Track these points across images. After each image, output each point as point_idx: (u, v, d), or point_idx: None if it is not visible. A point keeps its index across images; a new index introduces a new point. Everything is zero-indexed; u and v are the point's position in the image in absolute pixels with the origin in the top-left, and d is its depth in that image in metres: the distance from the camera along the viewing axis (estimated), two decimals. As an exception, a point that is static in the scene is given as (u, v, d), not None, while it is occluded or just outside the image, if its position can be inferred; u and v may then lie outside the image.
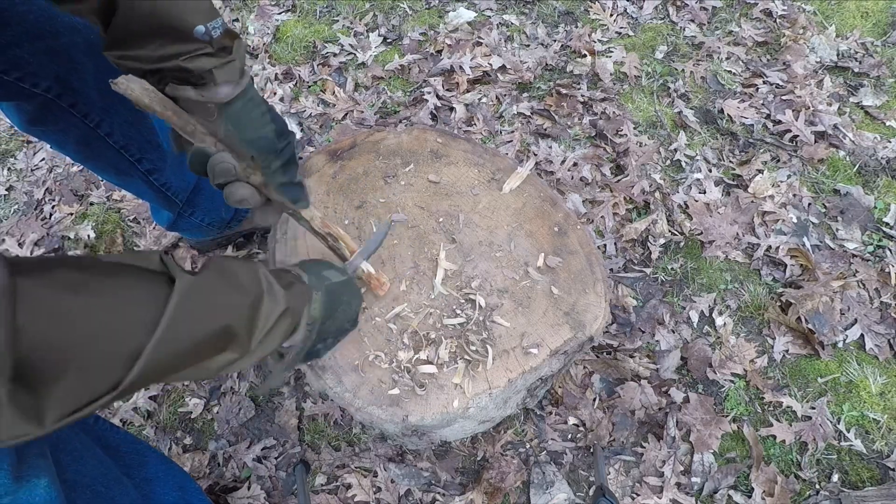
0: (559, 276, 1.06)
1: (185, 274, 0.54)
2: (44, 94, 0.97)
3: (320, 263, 0.82)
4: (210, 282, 0.57)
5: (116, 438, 0.95)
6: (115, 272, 0.51)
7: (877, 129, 1.75)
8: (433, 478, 1.29)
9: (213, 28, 0.69)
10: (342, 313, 0.79)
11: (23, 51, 0.90)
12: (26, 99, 0.98)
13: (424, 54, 1.97)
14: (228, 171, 0.77)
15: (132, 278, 0.51)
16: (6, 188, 1.84)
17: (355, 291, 0.84)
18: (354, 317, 0.84)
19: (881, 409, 1.34)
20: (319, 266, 0.81)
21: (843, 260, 1.52)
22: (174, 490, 0.99)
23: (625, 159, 1.69)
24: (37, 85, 0.96)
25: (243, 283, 0.60)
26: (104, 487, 0.80)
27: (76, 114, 1.04)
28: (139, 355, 0.48)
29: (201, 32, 0.68)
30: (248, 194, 0.80)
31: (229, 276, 0.59)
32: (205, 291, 0.55)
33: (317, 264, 0.81)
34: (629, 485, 1.28)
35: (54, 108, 1.01)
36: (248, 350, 0.61)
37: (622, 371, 1.39)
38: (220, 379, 1.44)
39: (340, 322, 0.80)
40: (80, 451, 0.80)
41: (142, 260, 0.54)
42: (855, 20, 1.99)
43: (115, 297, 0.49)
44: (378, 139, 1.24)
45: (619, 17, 2.06)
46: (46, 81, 0.96)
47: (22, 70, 0.92)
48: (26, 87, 0.95)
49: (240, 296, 0.59)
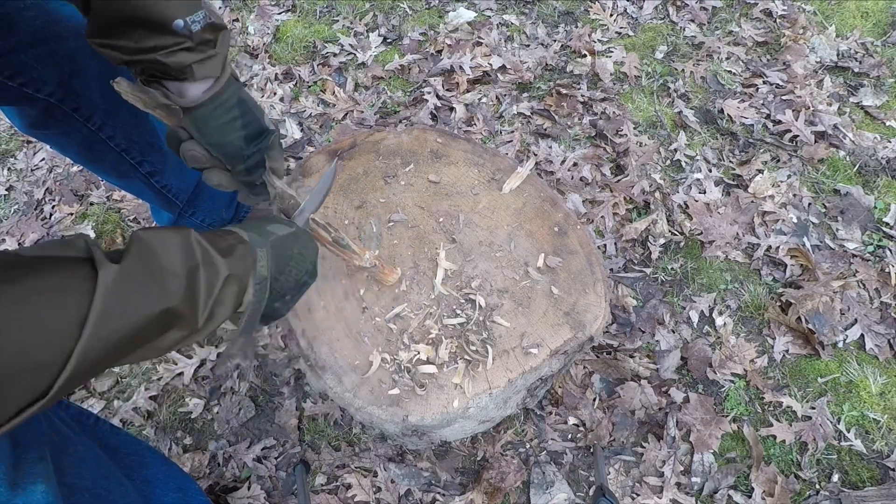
0: (559, 276, 1.06)
1: (107, 263, 0.50)
2: (47, 98, 0.97)
3: (264, 219, 0.78)
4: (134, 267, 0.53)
5: (116, 440, 0.95)
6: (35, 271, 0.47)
7: (877, 129, 1.75)
8: (433, 478, 1.29)
9: (194, 22, 0.67)
10: (296, 266, 0.75)
11: (27, 56, 0.90)
12: (29, 104, 0.98)
13: (424, 54, 1.97)
14: (198, 158, 0.76)
15: (55, 275, 0.48)
16: (6, 188, 1.84)
17: (306, 241, 0.79)
18: (311, 268, 0.79)
19: (881, 409, 1.34)
20: (262, 222, 0.76)
21: (843, 260, 1.52)
22: (174, 491, 0.99)
23: (625, 159, 1.69)
24: (40, 90, 0.95)
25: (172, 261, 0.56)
26: (104, 490, 0.79)
27: (79, 118, 1.04)
28: (67, 359, 0.46)
29: (180, 27, 0.66)
30: (225, 181, 0.79)
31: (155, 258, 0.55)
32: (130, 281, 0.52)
33: (260, 221, 0.77)
34: (629, 485, 1.28)
35: (57, 112, 1.01)
36: (195, 326, 0.58)
37: (622, 371, 1.39)
38: (220, 379, 1.44)
39: (296, 275, 0.75)
40: (81, 454, 0.79)
41: (66, 248, 0.51)
42: (855, 20, 1.99)
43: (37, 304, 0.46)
44: (378, 139, 1.24)
45: (619, 17, 2.06)
46: (50, 86, 0.96)
47: (26, 75, 0.92)
48: (30, 91, 0.94)
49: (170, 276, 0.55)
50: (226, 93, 0.74)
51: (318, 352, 0.99)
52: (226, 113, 0.75)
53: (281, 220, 0.79)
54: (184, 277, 0.56)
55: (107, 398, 1.44)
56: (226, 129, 0.75)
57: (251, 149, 0.78)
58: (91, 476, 0.78)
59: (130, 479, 0.91)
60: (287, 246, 0.74)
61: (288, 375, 1.43)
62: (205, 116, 0.74)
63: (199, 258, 0.59)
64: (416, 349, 0.98)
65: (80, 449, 0.80)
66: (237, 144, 0.77)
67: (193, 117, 0.74)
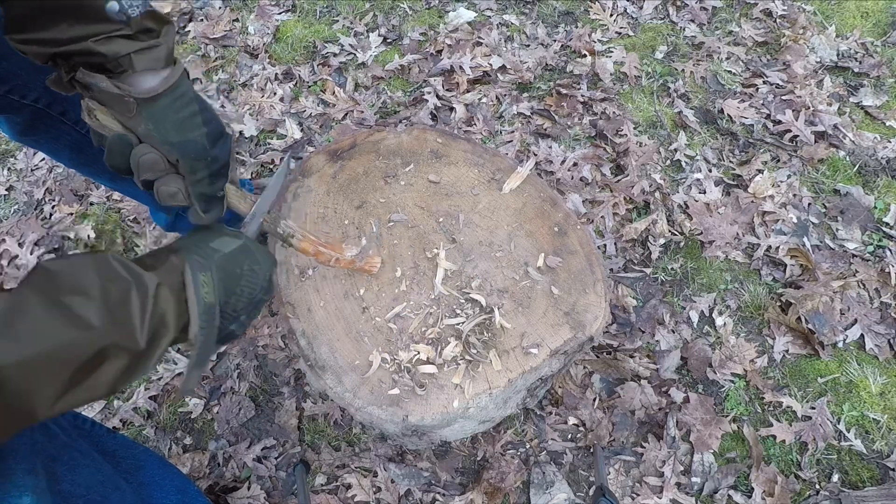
0: (559, 276, 1.06)
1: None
2: (33, 104, 0.97)
3: (208, 233, 0.70)
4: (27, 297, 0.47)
5: (114, 443, 0.95)
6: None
7: (877, 129, 1.75)
8: (433, 478, 1.29)
9: (131, 6, 0.59)
10: (247, 284, 0.68)
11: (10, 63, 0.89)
12: (16, 111, 0.97)
13: (424, 54, 1.97)
14: (155, 163, 0.66)
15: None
16: (6, 188, 1.84)
17: (257, 255, 0.71)
18: (265, 283, 0.72)
19: (881, 409, 1.34)
20: (205, 237, 0.68)
21: (843, 260, 1.52)
22: (174, 493, 0.99)
23: (625, 159, 1.69)
24: (25, 97, 0.95)
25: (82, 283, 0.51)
26: (100, 496, 0.78)
27: (67, 121, 1.03)
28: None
29: (115, 10, 0.58)
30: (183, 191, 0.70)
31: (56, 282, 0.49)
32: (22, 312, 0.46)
33: (202, 236, 0.69)
34: (629, 485, 1.28)
35: (45, 117, 1.00)
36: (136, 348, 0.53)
37: (622, 371, 1.39)
38: (220, 379, 1.44)
39: (248, 294, 0.69)
40: (77, 460, 0.78)
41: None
42: (855, 20, 1.99)
43: None
44: (378, 139, 1.24)
45: (619, 17, 2.06)
46: (35, 92, 0.95)
47: (10, 83, 0.92)
48: (15, 98, 0.94)
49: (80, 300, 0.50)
50: (182, 86, 0.66)
51: (318, 352, 0.99)
52: (185, 107, 0.66)
53: (226, 231, 0.71)
54: (100, 300, 0.51)
55: (106, 398, 1.44)
56: (187, 126, 0.67)
57: (215, 150, 0.69)
58: (86, 482, 0.77)
59: (128, 482, 0.90)
60: (236, 264, 0.68)
61: (288, 375, 1.43)
62: (164, 109, 0.65)
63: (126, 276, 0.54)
64: (416, 349, 0.98)
65: (77, 455, 0.79)
66: (200, 143, 0.68)
67: (151, 111, 0.65)
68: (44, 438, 0.73)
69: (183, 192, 0.70)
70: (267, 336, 1.47)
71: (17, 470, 0.64)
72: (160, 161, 0.67)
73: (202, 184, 0.70)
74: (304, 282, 1.05)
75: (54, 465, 0.73)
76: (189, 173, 0.69)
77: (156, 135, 0.66)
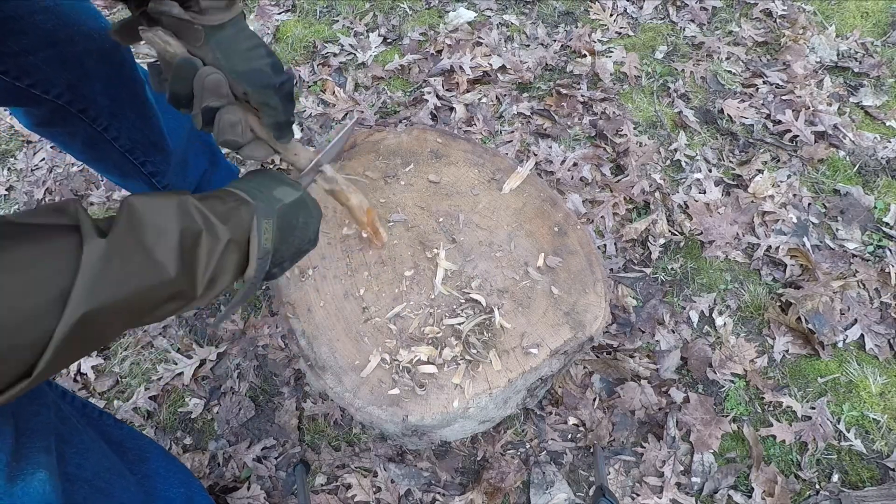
0: (559, 276, 1.06)
1: (93, 238, 0.47)
2: (54, 100, 0.97)
3: (270, 179, 0.71)
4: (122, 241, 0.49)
5: (120, 434, 0.95)
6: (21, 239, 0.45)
7: (877, 129, 1.75)
8: (433, 478, 1.29)
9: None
10: (299, 236, 0.71)
11: (36, 59, 0.90)
12: (36, 104, 0.98)
13: (424, 54, 1.97)
14: (220, 84, 0.67)
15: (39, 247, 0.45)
16: (6, 188, 1.84)
17: (311, 209, 0.73)
18: (313, 236, 0.75)
19: (881, 409, 1.34)
20: (269, 184, 0.70)
21: (843, 260, 1.52)
22: (178, 486, 0.99)
23: (625, 159, 1.69)
24: (48, 92, 0.96)
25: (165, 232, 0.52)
26: (105, 483, 0.79)
27: (85, 118, 1.04)
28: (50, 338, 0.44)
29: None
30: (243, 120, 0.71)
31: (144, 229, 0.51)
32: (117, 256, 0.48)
33: (265, 181, 0.70)
34: (629, 485, 1.28)
35: (64, 112, 1.01)
36: (193, 294, 0.56)
37: (622, 371, 1.39)
38: (220, 379, 1.44)
39: (298, 244, 0.71)
40: (86, 444, 0.79)
41: (55, 215, 0.48)
42: (855, 20, 1.99)
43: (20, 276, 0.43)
44: (378, 139, 1.24)
45: (619, 17, 2.06)
46: (58, 88, 0.96)
47: (34, 77, 0.92)
48: (37, 93, 0.95)
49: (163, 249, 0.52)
50: (244, 21, 0.69)
51: (318, 352, 0.99)
52: (249, 38, 0.68)
53: (287, 181, 0.72)
54: (178, 248, 0.53)
55: (107, 398, 1.44)
56: (252, 55, 0.68)
57: (282, 78, 0.70)
58: (93, 468, 0.78)
59: (133, 473, 0.91)
60: (293, 215, 0.69)
61: (288, 375, 1.43)
62: (231, 37, 0.67)
63: (200, 225, 0.56)
64: (417, 349, 0.98)
65: (86, 440, 0.80)
66: (266, 73, 0.69)
67: (219, 39, 0.67)
68: (56, 419, 0.74)
69: (243, 124, 0.71)
70: (267, 336, 1.47)
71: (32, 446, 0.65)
72: (224, 84, 0.68)
73: (276, 112, 0.71)
74: (304, 282, 1.05)
75: (63, 447, 0.73)
76: (260, 103, 0.70)
77: (224, 62, 0.67)
